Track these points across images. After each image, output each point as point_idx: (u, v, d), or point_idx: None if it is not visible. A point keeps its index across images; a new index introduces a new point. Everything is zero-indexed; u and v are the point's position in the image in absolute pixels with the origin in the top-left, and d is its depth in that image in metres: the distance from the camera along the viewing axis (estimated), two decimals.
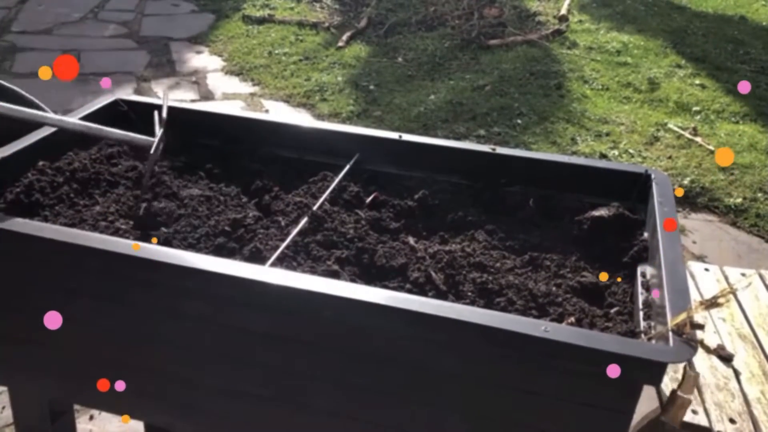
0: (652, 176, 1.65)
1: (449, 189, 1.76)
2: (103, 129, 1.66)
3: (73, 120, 1.65)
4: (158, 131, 1.64)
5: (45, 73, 1.63)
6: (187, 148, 1.90)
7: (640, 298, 1.37)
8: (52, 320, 1.42)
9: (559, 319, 1.35)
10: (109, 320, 1.45)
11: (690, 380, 1.12)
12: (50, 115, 1.65)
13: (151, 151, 1.58)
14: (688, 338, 1.14)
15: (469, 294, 1.42)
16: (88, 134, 1.69)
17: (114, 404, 1.61)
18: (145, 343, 1.46)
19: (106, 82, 4.84)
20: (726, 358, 1.87)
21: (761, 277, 2.24)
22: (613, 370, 1.11)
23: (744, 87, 4.86)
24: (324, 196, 1.68)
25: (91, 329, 1.48)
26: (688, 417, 1.68)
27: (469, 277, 1.46)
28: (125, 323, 1.44)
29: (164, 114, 1.71)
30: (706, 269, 2.26)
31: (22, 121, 1.65)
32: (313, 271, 1.43)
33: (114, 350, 1.48)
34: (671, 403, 1.14)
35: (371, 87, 4.97)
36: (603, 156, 4.13)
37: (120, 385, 1.48)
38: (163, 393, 1.52)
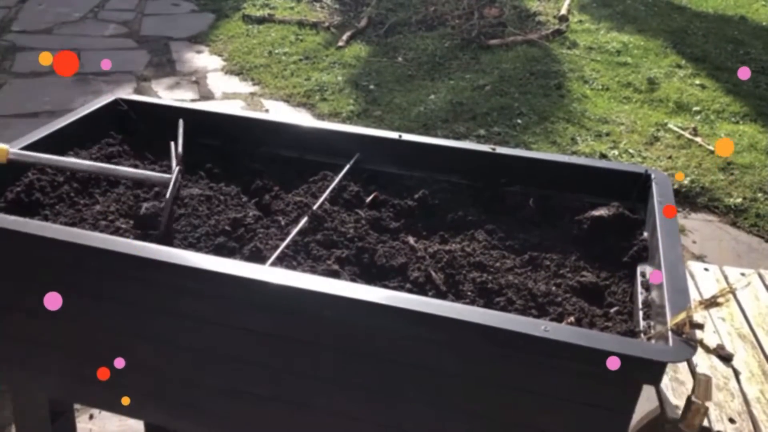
0: (652, 176, 1.65)
1: (449, 189, 1.76)
2: (118, 168, 1.65)
3: (88, 162, 1.66)
4: (174, 167, 1.60)
5: (45, 58, 1.62)
6: (187, 147, 1.90)
7: (640, 298, 1.37)
8: (52, 301, 1.41)
9: (559, 318, 1.36)
10: (110, 319, 1.45)
11: (702, 385, 1.10)
12: (65, 159, 1.64)
13: (167, 195, 1.53)
14: (687, 338, 1.14)
15: (469, 294, 1.42)
16: (104, 175, 1.68)
17: (114, 404, 1.61)
18: (145, 343, 1.46)
19: (106, 63, 4.81)
20: (725, 358, 1.87)
21: (761, 276, 2.24)
22: (613, 363, 1.11)
23: (744, 73, 4.87)
24: (324, 195, 1.68)
25: (91, 329, 1.48)
26: None
27: (469, 277, 1.46)
28: (125, 322, 1.44)
29: (180, 148, 1.68)
30: (706, 269, 2.26)
31: (37, 165, 1.64)
32: (313, 271, 1.43)
33: (114, 350, 1.48)
34: (687, 410, 1.12)
35: (371, 87, 4.97)
36: (603, 156, 4.13)
37: (119, 365, 1.47)
38: (163, 392, 1.52)
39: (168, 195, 1.53)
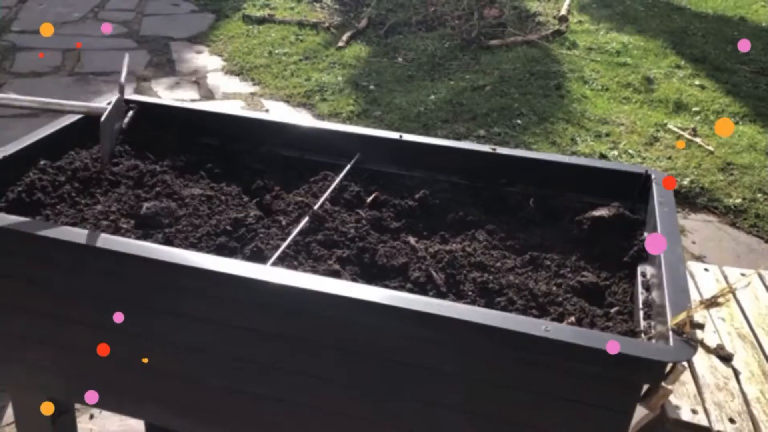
0: (653, 176, 1.66)
1: (450, 189, 1.76)
2: (61, 102, 1.61)
3: (25, 97, 1.61)
4: (114, 98, 1.55)
5: (47, 29, 1.59)
6: (187, 147, 1.90)
7: (640, 298, 1.37)
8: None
9: (560, 318, 1.36)
10: (110, 319, 1.45)
11: (676, 372, 1.12)
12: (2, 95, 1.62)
13: (102, 119, 1.48)
14: (688, 338, 1.14)
15: (470, 293, 1.42)
16: (46, 110, 1.62)
17: (114, 403, 1.61)
18: (145, 342, 1.46)
19: (106, 27, 4.75)
20: (725, 358, 1.88)
21: (760, 277, 2.25)
22: (613, 347, 1.11)
23: (744, 46, 4.88)
24: (325, 195, 1.68)
25: (91, 328, 1.49)
26: (688, 417, 1.69)
27: (470, 277, 1.46)
28: (125, 322, 1.44)
29: (123, 78, 1.63)
30: (706, 269, 2.27)
31: None
32: (314, 271, 1.43)
33: (114, 349, 1.48)
34: (653, 392, 1.15)
35: (371, 87, 4.98)
36: (603, 156, 4.13)
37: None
38: (164, 392, 1.52)
39: (103, 119, 1.49)
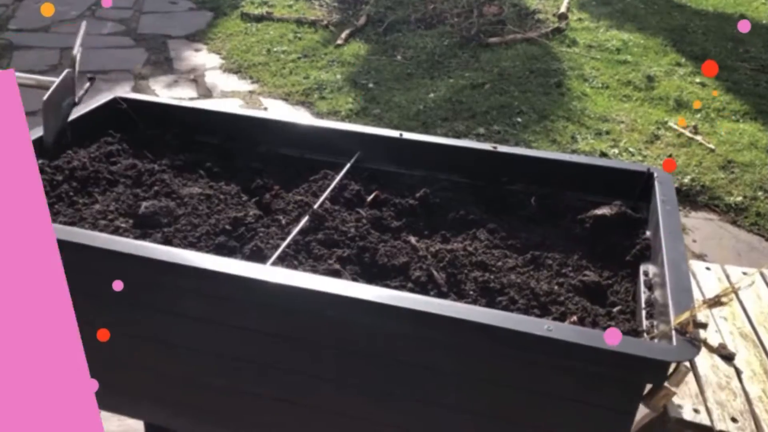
0: (655, 175, 1.65)
1: (450, 187, 1.75)
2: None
3: None
4: (66, 71, 1.51)
5: (47, 9, 1.59)
6: (186, 146, 1.89)
7: (643, 297, 1.36)
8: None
9: (562, 318, 1.35)
10: (108, 319, 1.44)
11: (680, 374, 1.12)
12: None
13: (44, 98, 1.43)
14: (691, 337, 1.14)
15: (471, 293, 1.41)
16: None
17: (114, 403, 1.60)
18: (144, 342, 1.45)
19: (107, 2, 4.73)
20: (728, 357, 1.87)
21: (763, 276, 2.24)
22: (613, 336, 1.10)
23: (744, 26, 4.89)
24: (325, 194, 1.67)
25: (90, 328, 1.47)
26: (690, 416, 1.68)
27: (471, 276, 1.45)
28: (125, 322, 1.43)
29: (76, 49, 1.59)
30: (708, 268, 2.26)
31: None
32: (314, 270, 1.42)
33: (113, 349, 1.47)
34: (656, 392, 1.14)
35: (370, 85, 4.96)
36: (603, 154, 4.12)
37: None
38: (163, 392, 1.51)
39: (46, 97, 1.45)
